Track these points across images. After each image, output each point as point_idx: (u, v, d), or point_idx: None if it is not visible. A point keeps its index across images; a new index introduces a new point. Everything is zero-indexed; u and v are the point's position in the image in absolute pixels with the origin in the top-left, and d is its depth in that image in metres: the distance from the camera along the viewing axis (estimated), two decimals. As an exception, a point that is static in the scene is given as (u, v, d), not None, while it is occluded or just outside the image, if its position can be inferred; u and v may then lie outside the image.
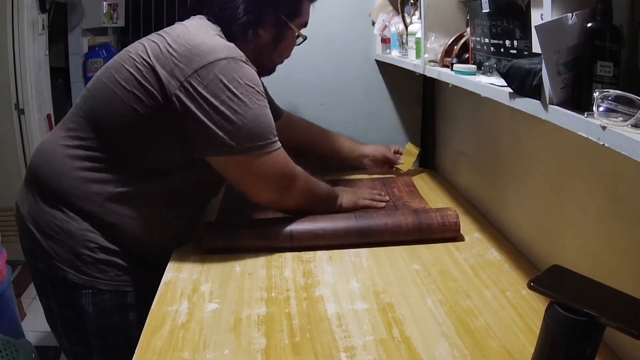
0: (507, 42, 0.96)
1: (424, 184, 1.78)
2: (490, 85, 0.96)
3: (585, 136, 0.66)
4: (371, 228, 1.24)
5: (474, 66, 1.09)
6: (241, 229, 1.29)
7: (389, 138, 1.95)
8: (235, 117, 1.05)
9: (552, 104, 0.74)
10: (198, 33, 1.10)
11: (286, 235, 1.24)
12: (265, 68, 1.27)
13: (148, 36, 1.17)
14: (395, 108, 1.93)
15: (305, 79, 1.86)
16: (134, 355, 0.89)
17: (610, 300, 0.71)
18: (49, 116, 2.82)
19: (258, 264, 1.20)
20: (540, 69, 0.75)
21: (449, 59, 1.19)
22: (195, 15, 1.20)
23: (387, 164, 1.77)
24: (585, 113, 0.66)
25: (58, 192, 1.15)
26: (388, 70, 1.85)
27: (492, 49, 1.02)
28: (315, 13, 1.83)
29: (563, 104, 0.74)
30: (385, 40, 1.74)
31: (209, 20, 1.18)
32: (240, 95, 1.05)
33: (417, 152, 1.81)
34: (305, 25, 1.30)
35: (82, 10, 3.24)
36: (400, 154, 1.76)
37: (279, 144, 1.14)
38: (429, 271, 1.15)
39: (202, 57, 1.05)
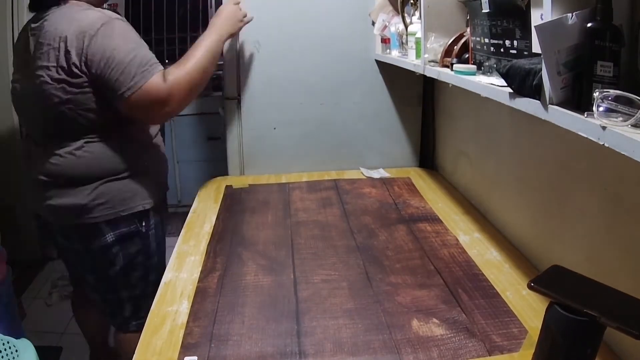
0: (507, 42, 0.96)
1: (424, 184, 1.78)
2: (490, 85, 0.96)
3: (585, 136, 0.66)
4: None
5: (474, 66, 1.09)
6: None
7: (389, 138, 1.95)
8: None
9: (552, 104, 0.74)
10: None
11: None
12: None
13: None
14: (395, 108, 1.93)
15: (305, 78, 1.86)
16: (134, 355, 0.89)
17: (610, 300, 0.71)
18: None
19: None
20: (540, 69, 0.75)
21: (449, 59, 1.19)
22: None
23: None
24: (585, 113, 0.66)
25: None
26: (388, 70, 1.85)
27: (492, 49, 1.02)
28: (315, 13, 1.84)
29: (563, 104, 0.74)
30: (385, 40, 1.74)
31: None
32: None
33: None
34: None
35: (82, 10, 3.24)
36: None
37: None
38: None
39: None
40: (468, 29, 1.16)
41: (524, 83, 0.81)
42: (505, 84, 0.87)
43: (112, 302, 1.45)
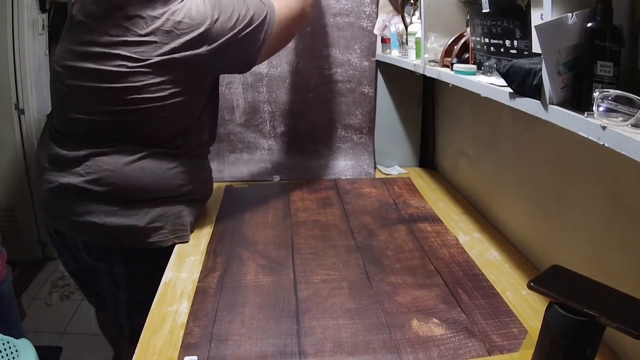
0: (507, 42, 0.96)
1: (424, 184, 1.78)
2: (490, 85, 0.96)
3: (585, 136, 0.66)
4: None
5: (474, 66, 1.09)
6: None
7: (389, 137, 1.95)
8: None
9: (552, 104, 0.74)
10: None
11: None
12: None
13: None
14: (395, 108, 1.93)
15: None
16: (134, 355, 0.89)
17: (610, 300, 0.71)
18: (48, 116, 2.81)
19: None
20: (540, 69, 0.75)
21: (449, 59, 1.19)
22: None
23: None
24: (585, 113, 0.67)
25: None
26: (388, 70, 1.85)
27: (492, 49, 1.02)
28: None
29: (563, 104, 0.74)
30: (385, 40, 1.74)
31: None
32: None
33: None
34: None
35: (82, 10, 3.24)
36: None
37: None
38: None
39: None
40: (468, 29, 1.16)
41: (524, 83, 0.81)
42: (505, 84, 0.87)
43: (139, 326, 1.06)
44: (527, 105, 0.81)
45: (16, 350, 1.35)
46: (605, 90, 0.64)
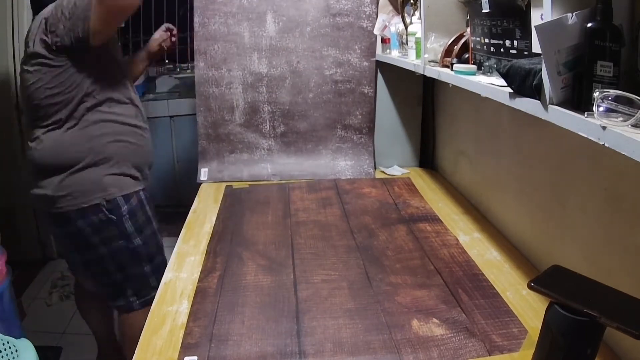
0: (507, 42, 0.96)
1: (424, 184, 1.78)
2: (490, 85, 0.96)
3: (586, 136, 0.66)
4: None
5: (474, 66, 1.09)
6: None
7: (389, 137, 1.95)
8: None
9: (552, 104, 0.74)
10: None
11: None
12: None
13: None
14: (395, 108, 1.93)
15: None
16: (134, 355, 0.89)
17: (610, 300, 0.71)
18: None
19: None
20: (540, 69, 0.75)
21: (449, 59, 1.19)
22: None
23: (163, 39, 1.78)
24: (585, 113, 0.66)
25: None
26: (388, 70, 1.85)
27: (492, 49, 1.02)
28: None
29: (563, 104, 0.74)
30: (385, 40, 1.74)
31: None
32: None
33: None
34: None
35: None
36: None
37: None
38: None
39: None
40: (468, 29, 1.16)
41: (524, 83, 0.81)
42: (505, 84, 0.87)
43: (108, 286, 1.49)
44: (527, 105, 0.81)
45: (16, 350, 1.35)
46: (605, 90, 0.64)
